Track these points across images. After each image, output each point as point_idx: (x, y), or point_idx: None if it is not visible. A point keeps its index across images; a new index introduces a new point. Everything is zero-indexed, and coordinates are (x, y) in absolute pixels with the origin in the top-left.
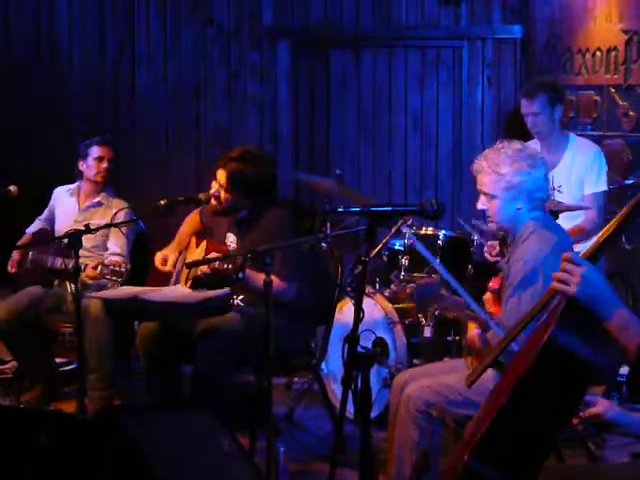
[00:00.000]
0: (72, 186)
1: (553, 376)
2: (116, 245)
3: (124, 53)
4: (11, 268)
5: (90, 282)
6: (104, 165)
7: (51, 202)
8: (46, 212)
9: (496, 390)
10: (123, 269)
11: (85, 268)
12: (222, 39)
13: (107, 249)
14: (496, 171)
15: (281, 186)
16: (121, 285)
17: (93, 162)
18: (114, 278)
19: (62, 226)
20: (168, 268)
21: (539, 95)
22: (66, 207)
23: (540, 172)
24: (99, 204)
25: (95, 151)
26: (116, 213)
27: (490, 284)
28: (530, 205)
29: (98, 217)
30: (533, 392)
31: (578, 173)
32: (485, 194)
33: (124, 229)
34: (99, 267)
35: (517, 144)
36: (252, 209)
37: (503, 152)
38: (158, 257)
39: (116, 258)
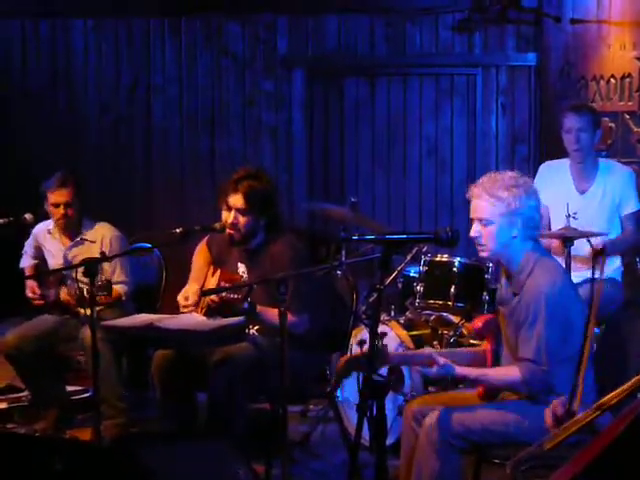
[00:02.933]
0: (50, 225)
1: (630, 459)
2: (115, 273)
3: (139, 83)
4: (35, 293)
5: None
6: (61, 212)
7: (32, 241)
8: (31, 249)
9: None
10: (105, 280)
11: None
12: (237, 68)
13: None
14: (494, 195)
15: (296, 214)
16: (124, 304)
17: (50, 208)
18: (103, 293)
19: (55, 265)
20: (191, 302)
21: (586, 112)
22: (51, 247)
23: (534, 201)
24: (81, 242)
25: (50, 197)
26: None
27: (475, 324)
28: (524, 233)
29: (85, 253)
30: (605, 472)
31: (612, 196)
32: (479, 220)
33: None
34: (84, 289)
35: (511, 172)
36: (263, 239)
37: (499, 179)
38: (180, 298)
39: (117, 287)
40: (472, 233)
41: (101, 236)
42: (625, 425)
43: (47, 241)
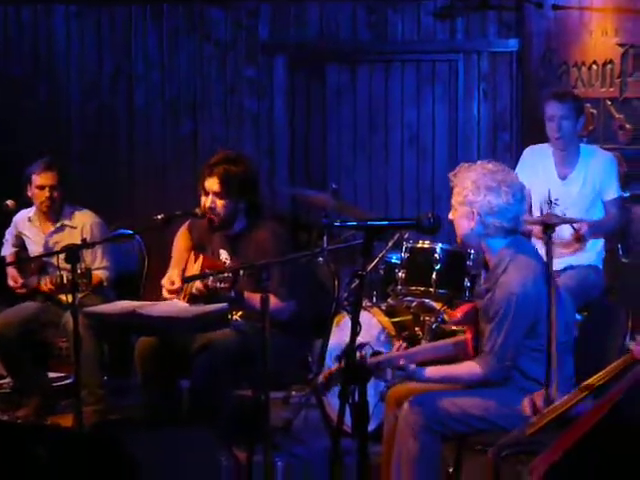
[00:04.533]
0: (30, 213)
1: (609, 445)
2: (96, 259)
3: (121, 69)
4: (16, 282)
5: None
6: (46, 194)
7: (13, 229)
8: (12, 237)
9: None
10: (85, 268)
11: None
12: (218, 54)
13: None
14: (459, 184)
15: (278, 200)
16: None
17: (35, 191)
18: (83, 280)
19: (35, 252)
20: (177, 286)
21: (568, 99)
22: (31, 235)
23: (499, 198)
24: (62, 228)
25: (35, 179)
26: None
27: (454, 314)
28: (482, 229)
29: (67, 240)
30: (584, 458)
31: (593, 182)
32: (452, 205)
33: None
34: (64, 276)
35: (492, 165)
36: (244, 225)
37: (473, 169)
38: (165, 282)
39: (99, 272)
40: (449, 215)
41: (82, 223)
42: (605, 411)
43: (27, 228)
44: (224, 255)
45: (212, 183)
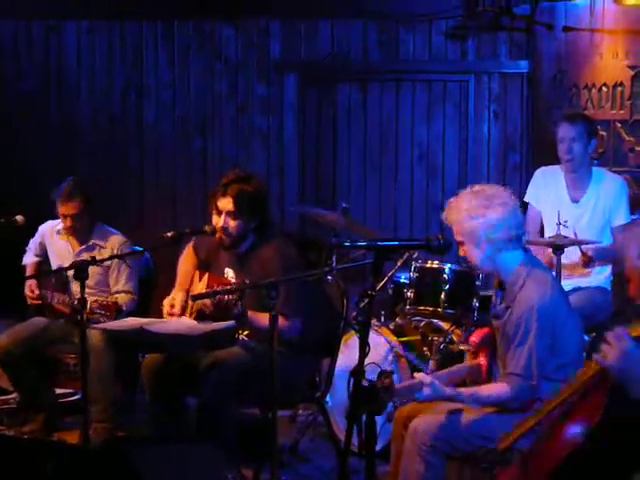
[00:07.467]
0: (59, 226)
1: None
2: (120, 281)
3: (132, 86)
4: (33, 293)
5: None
6: (68, 223)
7: (38, 238)
8: (36, 246)
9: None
10: (111, 302)
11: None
12: (229, 72)
13: (109, 285)
14: (454, 219)
15: (287, 219)
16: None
17: (60, 216)
18: (102, 312)
19: (56, 266)
20: (177, 310)
21: (580, 122)
22: (59, 249)
23: (494, 213)
24: (93, 247)
25: (58, 207)
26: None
27: (471, 339)
28: (492, 246)
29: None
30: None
31: (604, 206)
32: (457, 242)
33: (129, 262)
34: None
35: (477, 187)
36: (252, 243)
37: (461, 198)
38: (166, 304)
39: (121, 295)
40: (460, 252)
41: (112, 244)
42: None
43: (55, 241)
44: (230, 273)
45: (226, 203)
